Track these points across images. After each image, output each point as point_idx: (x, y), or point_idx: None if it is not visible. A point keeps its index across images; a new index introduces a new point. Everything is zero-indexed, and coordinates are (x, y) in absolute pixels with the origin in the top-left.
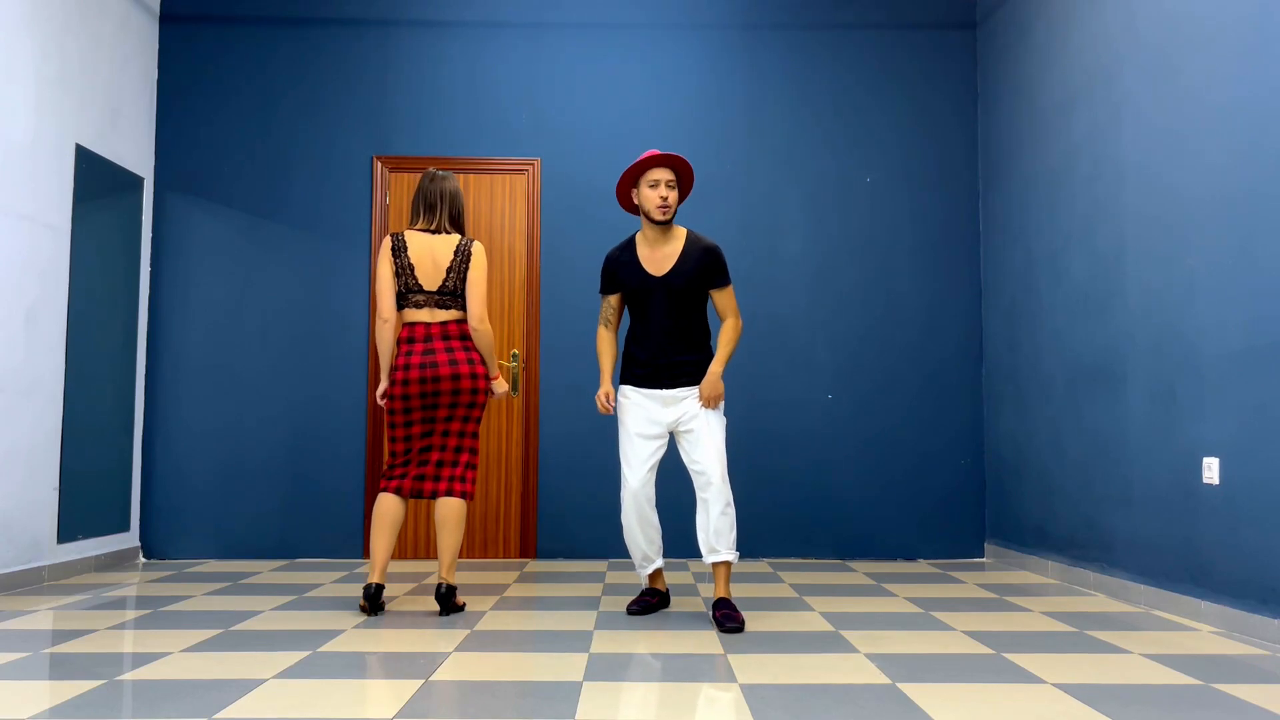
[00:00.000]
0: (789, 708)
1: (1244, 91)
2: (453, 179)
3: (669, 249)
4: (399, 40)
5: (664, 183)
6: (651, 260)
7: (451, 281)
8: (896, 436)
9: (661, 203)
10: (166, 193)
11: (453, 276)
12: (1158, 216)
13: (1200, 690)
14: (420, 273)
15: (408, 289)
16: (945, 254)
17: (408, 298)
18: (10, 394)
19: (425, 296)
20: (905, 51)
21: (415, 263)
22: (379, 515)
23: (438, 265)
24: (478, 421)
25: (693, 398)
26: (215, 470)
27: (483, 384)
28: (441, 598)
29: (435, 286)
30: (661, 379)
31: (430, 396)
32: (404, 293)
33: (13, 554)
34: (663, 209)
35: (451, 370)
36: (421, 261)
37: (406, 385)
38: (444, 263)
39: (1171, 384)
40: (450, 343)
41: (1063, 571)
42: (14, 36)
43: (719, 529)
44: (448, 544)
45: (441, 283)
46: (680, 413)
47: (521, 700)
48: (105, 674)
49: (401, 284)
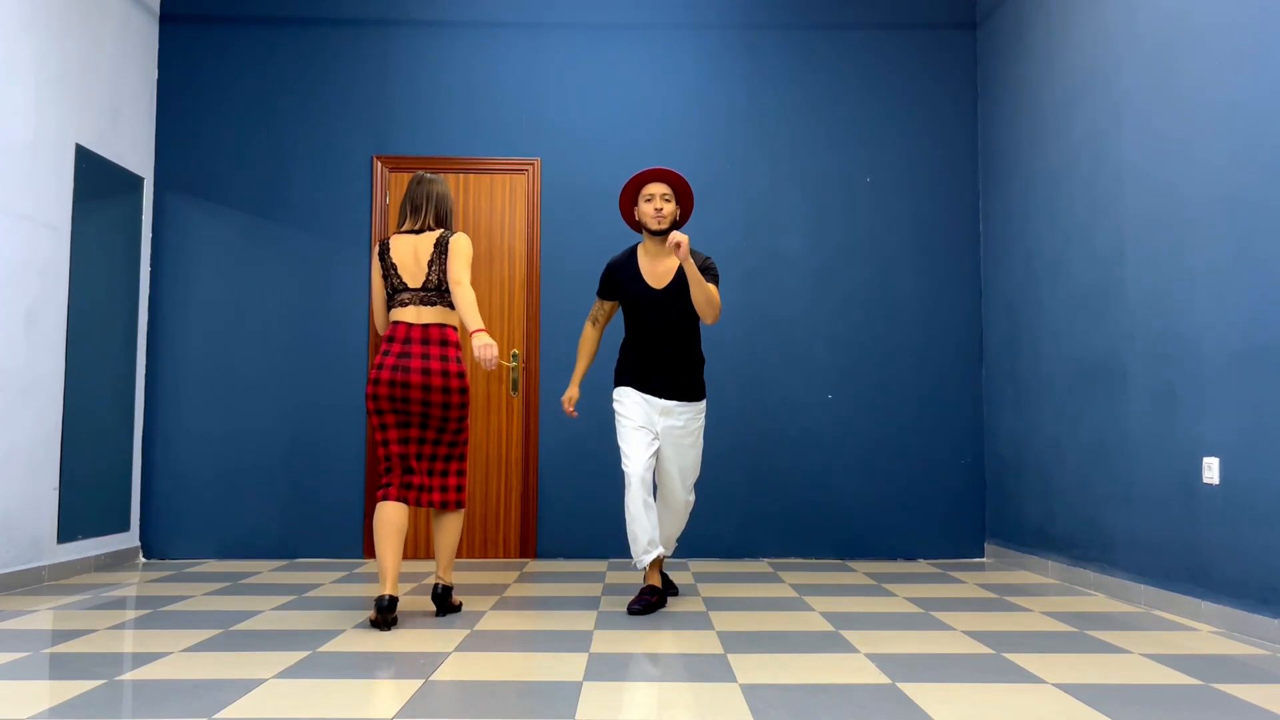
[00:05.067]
0: (789, 708)
1: (1244, 91)
2: (442, 182)
3: (669, 263)
4: (398, 40)
5: (659, 196)
6: (652, 273)
7: (434, 276)
8: (896, 436)
9: (656, 214)
10: (166, 193)
11: (434, 270)
12: (1158, 216)
13: (1200, 690)
14: (404, 271)
15: (394, 289)
16: (945, 254)
17: (395, 297)
18: (10, 394)
19: (410, 294)
20: (906, 51)
21: (398, 262)
22: (381, 524)
23: (419, 261)
24: (462, 429)
25: (684, 415)
26: (215, 470)
27: (457, 392)
28: (437, 598)
29: (419, 283)
30: (659, 385)
31: (401, 404)
32: (391, 293)
33: (13, 554)
34: (657, 218)
35: (423, 379)
36: (404, 260)
37: (377, 385)
38: (425, 258)
39: (1171, 384)
40: (429, 348)
41: (1063, 571)
42: (14, 37)
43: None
44: (445, 545)
45: (424, 279)
46: (668, 426)
47: (521, 700)
48: (105, 674)
49: (389, 285)
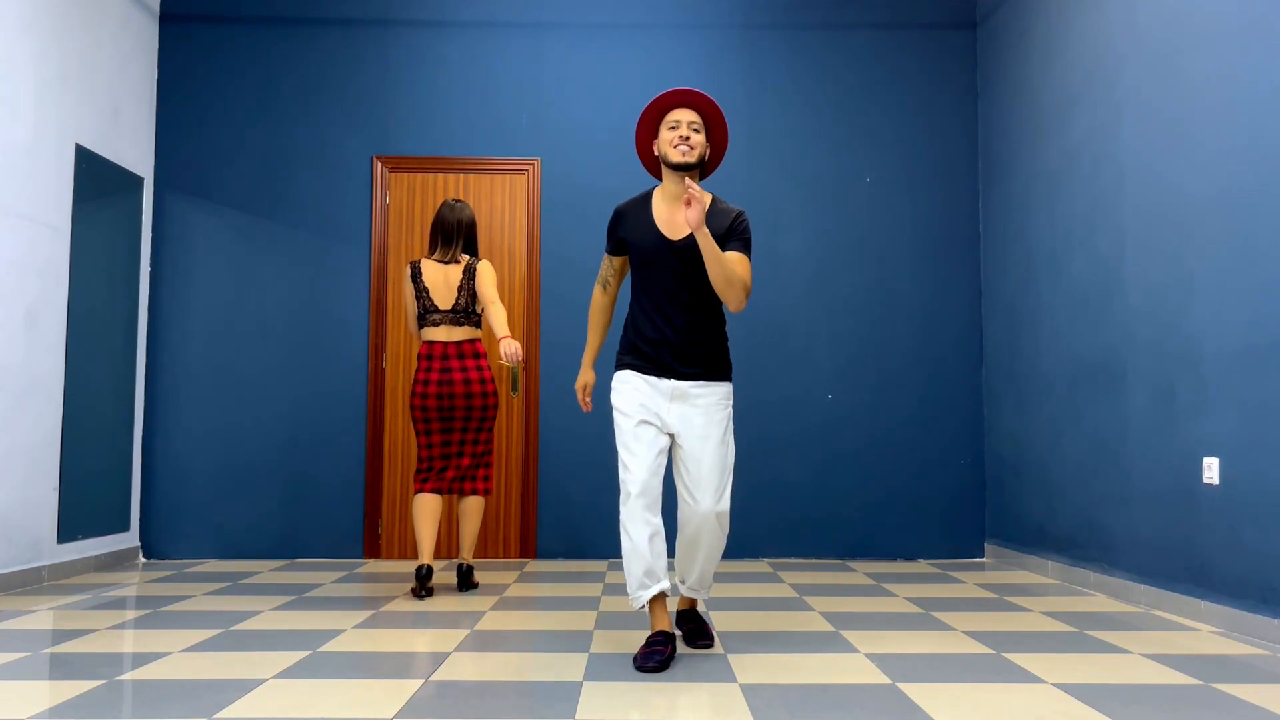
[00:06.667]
0: (789, 708)
1: (1244, 90)
2: (469, 209)
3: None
4: (399, 40)
5: (686, 124)
6: (669, 222)
7: (463, 300)
8: (896, 436)
9: (680, 141)
10: (166, 193)
11: (463, 294)
12: (1158, 215)
13: (1200, 690)
14: (435, 294)
15: (425, 309)
16: (945, 254)
17: (426, 317)
18: (10, 394)
19: (441, 315)
20: (905, 51)
21: (430, 286)
22: (420, 510)
23: (450, 285)
24: (491, 430)
25: (705, 401)
26: (215, 470)
27: (493, 398)
28: (462, 576)
29: (449, 305)
30: (671, 361)
31: (447, 410)
32: (423, 313)
33: (13, 554)
34: (681, 149)
35: (465, 389)
36: (435, 285)
37: (425, 399)
38: (455, 282)
39: (1172, 383)
40: (465, 361)
41: (1063, 571)
42: (14, 36)
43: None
44: (469, 530)
45: (454, 301)
46: (684, 416)
47: (521, 700)
48: (105, 674)
49: (420, 305)
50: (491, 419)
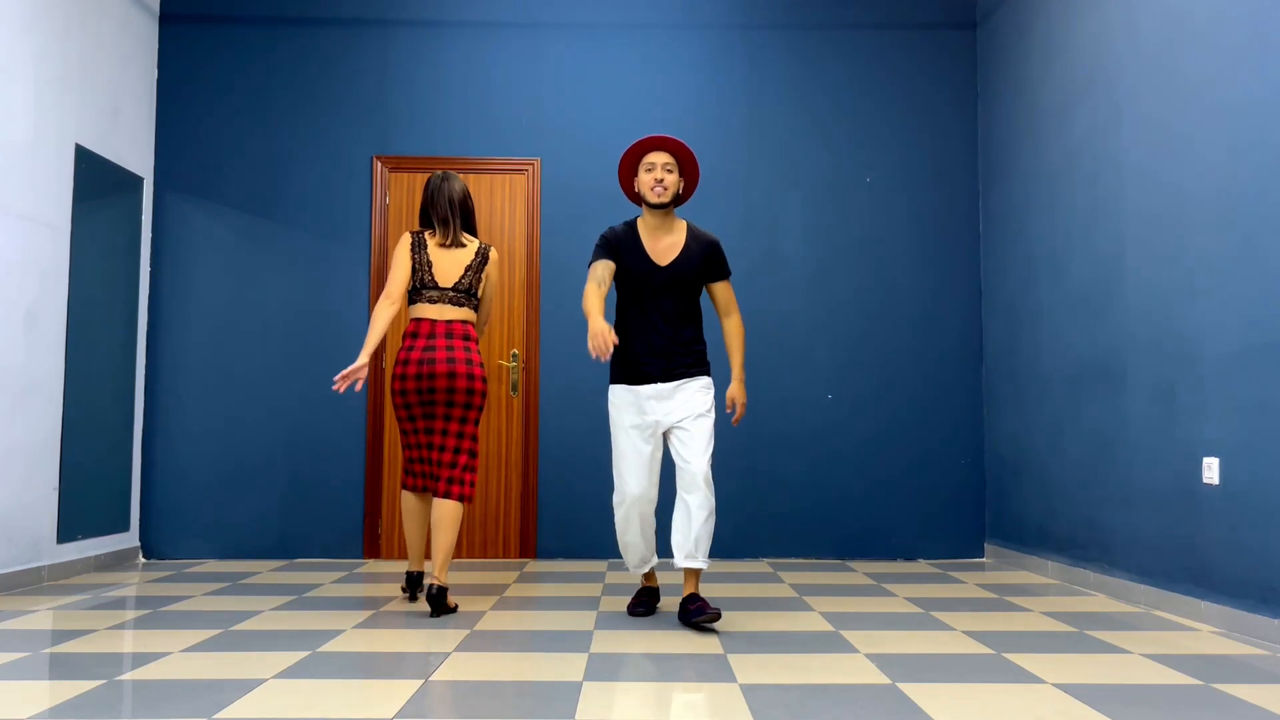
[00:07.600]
0: (789, 708)
1: (1245, 90)
2: (459, 180)
3: (672, 239)
4: (398, 40)
5: (660, 165)
6: (655, 249)
7: (468, 280)
8: (896, 436)
9: (655, 184)
10: (166, 193)
11: (470, 274)
12: (1158, 216)
13: (1200, 690)
14: (438, 270)
15: (422, 284)
16: (945, 254)
17: (421, 293)
18: (10, 394)
19: (439, 293)
20: (905, 51)
21: (434, 260)
22: (406, 512)
23: (458, 263)
24: (476, 423)
25: (690, 389)
26: (215, 470)
27: (480, 384)
28: (432, 598)
29: (451, 283)
30: (662, 370)
31: (427, 393)
32: (418, 288)
33: (13, 554)
34: (657, 190)
35: (448, 368)
36: (440, 261)
37: (404, 380)
38: (464, 262)
39: (1172, 383)
40: (453, 341)
41: (1063, 571)
42: (14, 36)
43: (699, 536)
44: (441, 544)
45: (458, 280)
46: (674, 405)
47: (521, 700)
48: (105, 674)
49: (417, 279)
50: (477, 409)
